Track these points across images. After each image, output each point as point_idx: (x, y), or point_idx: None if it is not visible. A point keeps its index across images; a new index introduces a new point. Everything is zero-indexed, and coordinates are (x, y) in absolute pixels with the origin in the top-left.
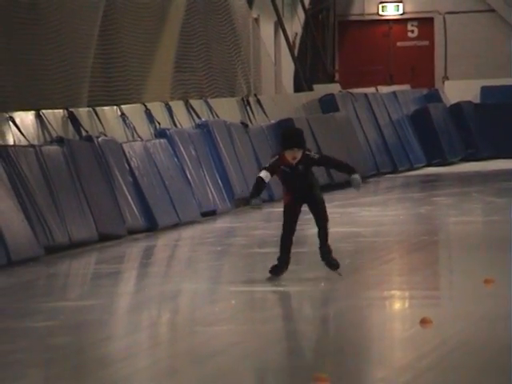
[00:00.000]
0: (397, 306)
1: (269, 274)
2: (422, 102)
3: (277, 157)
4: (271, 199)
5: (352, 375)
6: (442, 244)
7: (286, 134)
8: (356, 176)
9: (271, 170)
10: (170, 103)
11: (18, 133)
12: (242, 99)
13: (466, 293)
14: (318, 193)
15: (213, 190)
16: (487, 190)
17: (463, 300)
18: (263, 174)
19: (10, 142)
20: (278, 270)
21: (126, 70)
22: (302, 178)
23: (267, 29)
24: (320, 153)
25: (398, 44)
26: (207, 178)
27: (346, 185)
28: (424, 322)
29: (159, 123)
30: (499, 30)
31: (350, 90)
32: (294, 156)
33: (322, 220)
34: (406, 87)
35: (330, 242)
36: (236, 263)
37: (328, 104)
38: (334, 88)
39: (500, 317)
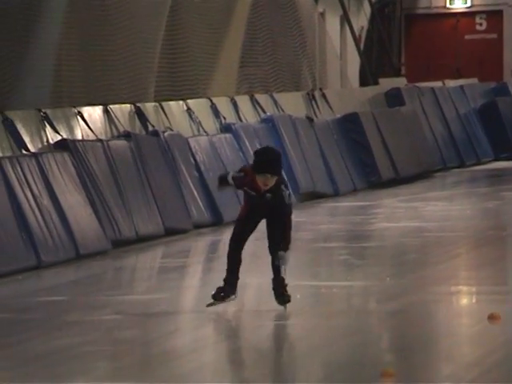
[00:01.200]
0: (464, 301)
1: (210, 300)
2: (490, 96)
3: (242, 174)
4: (336, 193)
5: (419, 371)
6: (510, 239)
7: (262, 156)
8: (283, 254)
9: (235, 182)
10: (236, 98)
11: (86, 127)
12: (308, 93)
13: None
14: (286, 211)
15: None
16: None
17: None
18: (229, 177)
19: (79, 136)
20: (223, 295)
21: (192, 64)
22: (266, 206)
23: (333, 23)
24: (290, 202)
25: (466, 37)
26: None
27: (411, 179)
28: (492, 317)
29: (225, 118)
30: None
31: (417, 84)
32: (265, 183)
33: (279, 245)
34: (473, 81)
35: (393, 236)
36: (301, 258)
37: (394, 98)
38: (400, 82)
39: None
